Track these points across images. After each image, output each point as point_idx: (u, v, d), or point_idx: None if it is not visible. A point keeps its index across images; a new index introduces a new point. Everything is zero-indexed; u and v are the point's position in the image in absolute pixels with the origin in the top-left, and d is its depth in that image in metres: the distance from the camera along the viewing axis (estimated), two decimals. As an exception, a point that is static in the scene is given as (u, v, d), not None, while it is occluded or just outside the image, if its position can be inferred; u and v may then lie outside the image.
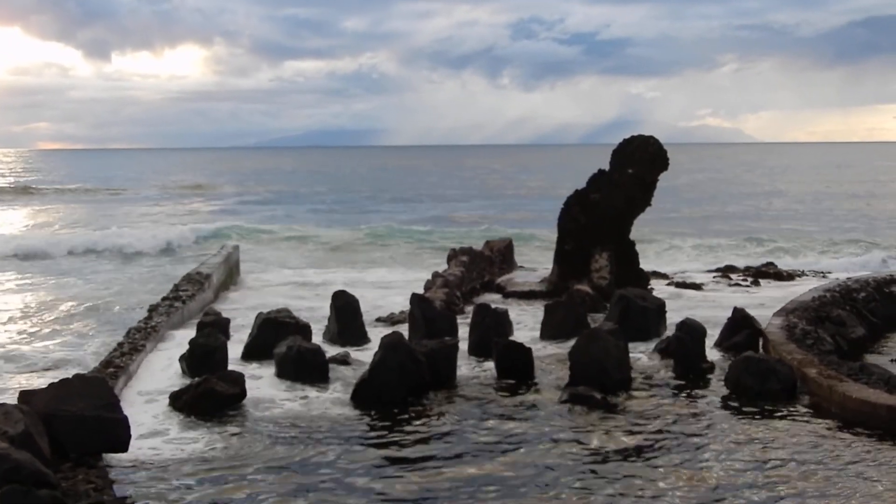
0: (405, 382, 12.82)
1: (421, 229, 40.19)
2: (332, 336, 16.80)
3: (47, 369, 15.40)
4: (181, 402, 12.33)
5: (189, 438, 11.10)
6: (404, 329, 16.19)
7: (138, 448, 10.43)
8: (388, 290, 23.80)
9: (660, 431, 11.43)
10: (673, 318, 16.74)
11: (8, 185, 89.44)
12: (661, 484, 9.63)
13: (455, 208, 59.73)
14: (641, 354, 15.41)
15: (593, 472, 10.01)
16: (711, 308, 20.08)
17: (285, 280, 26.73)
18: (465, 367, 14.71)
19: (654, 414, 12.22)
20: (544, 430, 11.53)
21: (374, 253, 34.71)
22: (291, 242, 36.90)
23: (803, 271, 27.61)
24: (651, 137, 22.81)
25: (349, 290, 17.88)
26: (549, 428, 11.61)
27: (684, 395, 13.25)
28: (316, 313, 19.23)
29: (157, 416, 12.01)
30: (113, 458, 9.96)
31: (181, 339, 15.91)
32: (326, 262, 32.59)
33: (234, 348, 15.42)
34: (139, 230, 40.21)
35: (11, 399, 10.59)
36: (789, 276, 26.27)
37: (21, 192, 79.26)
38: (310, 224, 43.86)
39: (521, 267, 27.66)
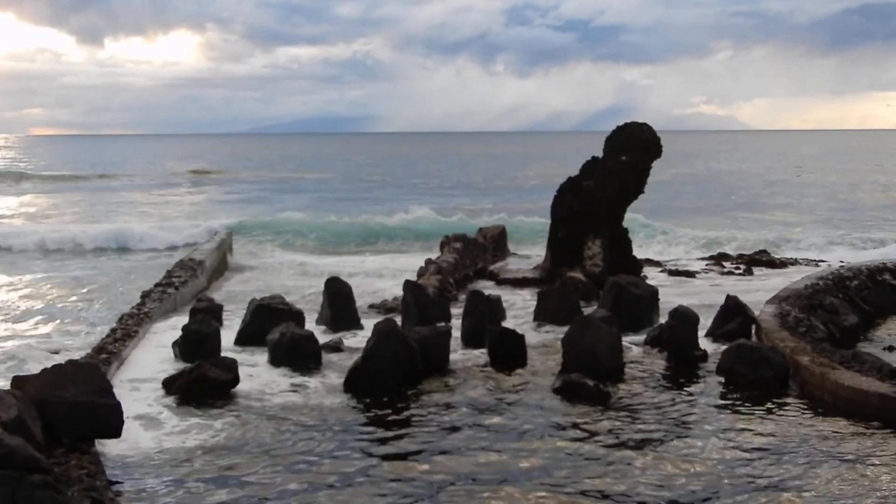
0: (398, 369, 12.82)
1: (425, 216, 39.68)
2: (326, 322, 16.81)
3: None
4: (174, 388, 12.35)
5: (181, 424, 11.11)
6: (398, 317, 16.20)
7: (131, 434, 10.43)
8: (381, 277, 23.82)
9: (652, 419, 11.45)
10: (666, 305, 16.74)
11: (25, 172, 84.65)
12: (653, 471, 9.65)
13: (458, 196, 58.63)
14: (634, 342, 15.44)
15: (585, 459, 10.03)
16: (704, 296, 20.12)
17: (280, 266, 26.66)
18: (458, 354, 14.72)
19: (646, 401, 12.24)
20: (537, 417, 11.56)
21: (375, 241, 34.20)
22: (293, 231, 36.37)
23: (796, 259, 27.63)
24: (644, 125, 22.80)
25: (345, 276, 17.88)
26: (542, 415, 11.63)
27: (676, 382, 13.27)
28: (310, 300, 19.24)
29: (149, 402, 12.02)
30: (105, 443, 9.96)
31: (174, 325, 15.91)
32: (324, 249, 32.34)
33: (227, 334, 15.43)
34: (173, 222, 39.02)
35: (4, 385, 10.57)
36: (782, 264, 26.31)
37: (40, 180, 76.52)
38: (310, 212, 43.28)
39: (514, 254, 27.68)
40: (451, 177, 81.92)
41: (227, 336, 15.33)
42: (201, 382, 12.24)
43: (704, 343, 15.14)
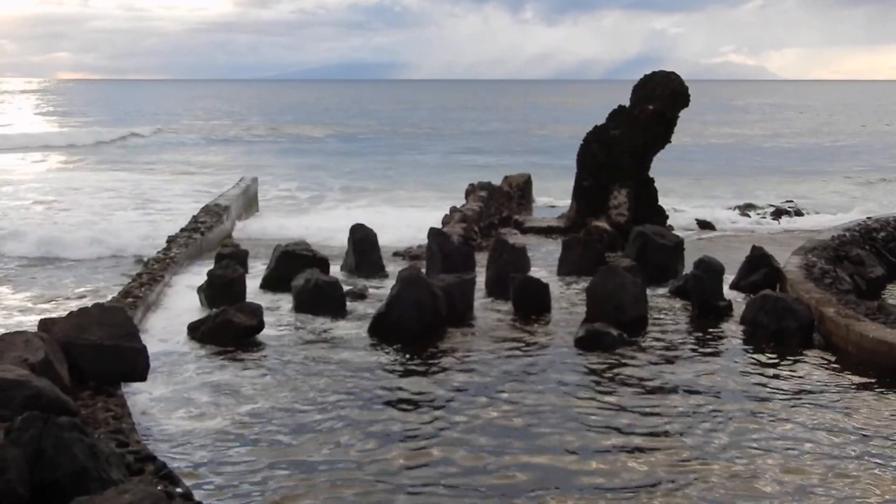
0: (422, 317, 12.84)
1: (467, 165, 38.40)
2: (350, 269, 16.86)
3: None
4: (199, 333, 12.45)
5: (206, 369, 11.21)
6: (422, 264, 16.22)
7: (156, 377, 10.54)
8: (407, 225, 23.78)
9: (675, 368, 11.46)
10: (691, 256, 16.66)
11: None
12: (675, 420, 9.67)
13: (500, 150, 55.95)
14: (659, 291, 15.41)
15: (608, 408, 10.05)
16: (730, 246, 20.03)
17: (306, 213, 26.60)
18: (482, 302, 14.74)
19: (669, 351, 12.24)
20: (560, 365, 11.59)
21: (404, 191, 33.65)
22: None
23: (821, 211, 27.33)
24: (672, 73, 22.56)
25: (370, 224, 17.86)
26: (565, 364, 11.66)
27: (700, 332, 13.25)
28: (336, 247, 19.26)
29: (174, 346, 12.13)
30: (131, 386, 10.07)
31: (200, 270, 16.00)
32: (356, 198, 31.87)
33: (253, 280, 15.51)
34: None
35: (32, 328, 10.68)
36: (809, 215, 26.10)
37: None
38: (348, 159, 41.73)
39: (539, 203, 27.60)
40: (500, 134, 74.29)
41: (253, 282, 15.41)
42: (226, 327, 12.33)
43: (729, 294, 15.09)
